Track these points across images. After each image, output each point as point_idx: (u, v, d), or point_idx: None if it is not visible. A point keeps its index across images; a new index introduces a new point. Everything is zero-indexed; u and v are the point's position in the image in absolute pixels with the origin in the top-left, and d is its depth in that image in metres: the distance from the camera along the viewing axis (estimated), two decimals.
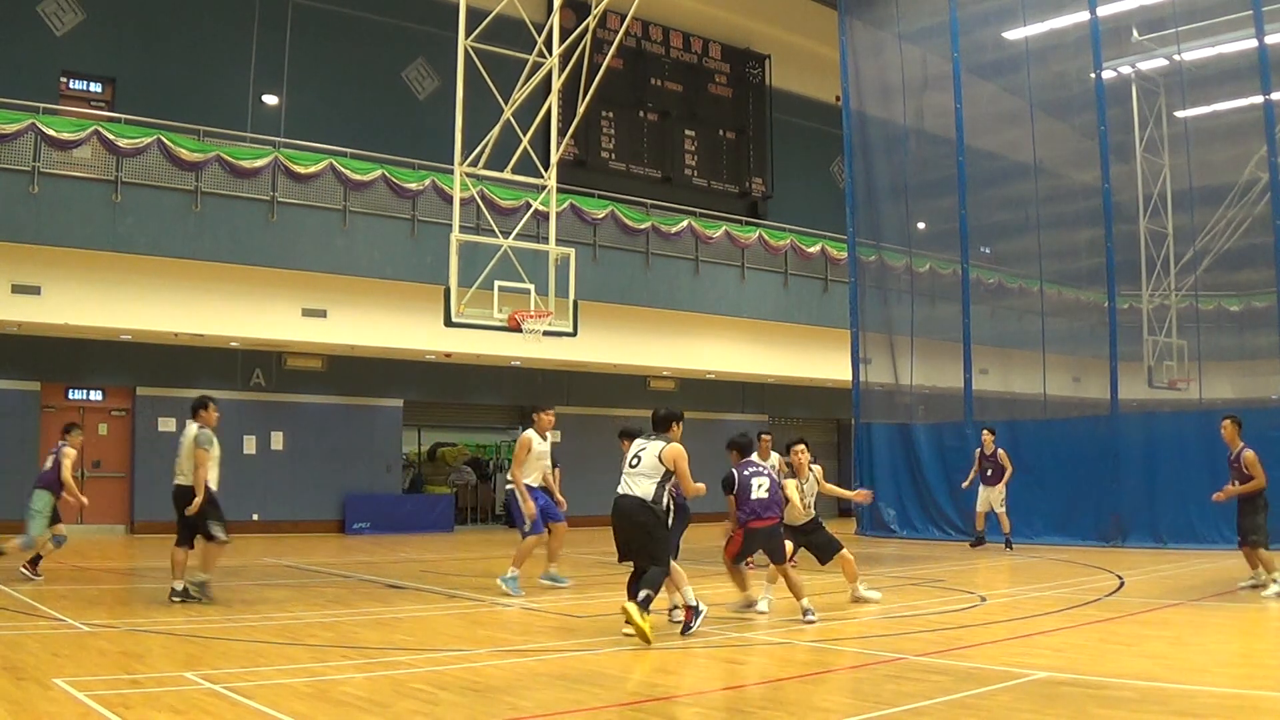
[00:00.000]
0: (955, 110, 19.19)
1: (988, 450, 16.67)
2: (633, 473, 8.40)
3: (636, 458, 8.46)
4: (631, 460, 8.47)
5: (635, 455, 8.47)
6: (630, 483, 8.37)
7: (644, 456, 8.44)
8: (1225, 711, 5.61)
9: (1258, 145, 17.20)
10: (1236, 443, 10.98)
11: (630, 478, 8.39)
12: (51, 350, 18.28)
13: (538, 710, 5.66)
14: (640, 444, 8.58)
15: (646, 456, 8.44)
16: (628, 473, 8.44)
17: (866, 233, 20.83)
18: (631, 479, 8.38)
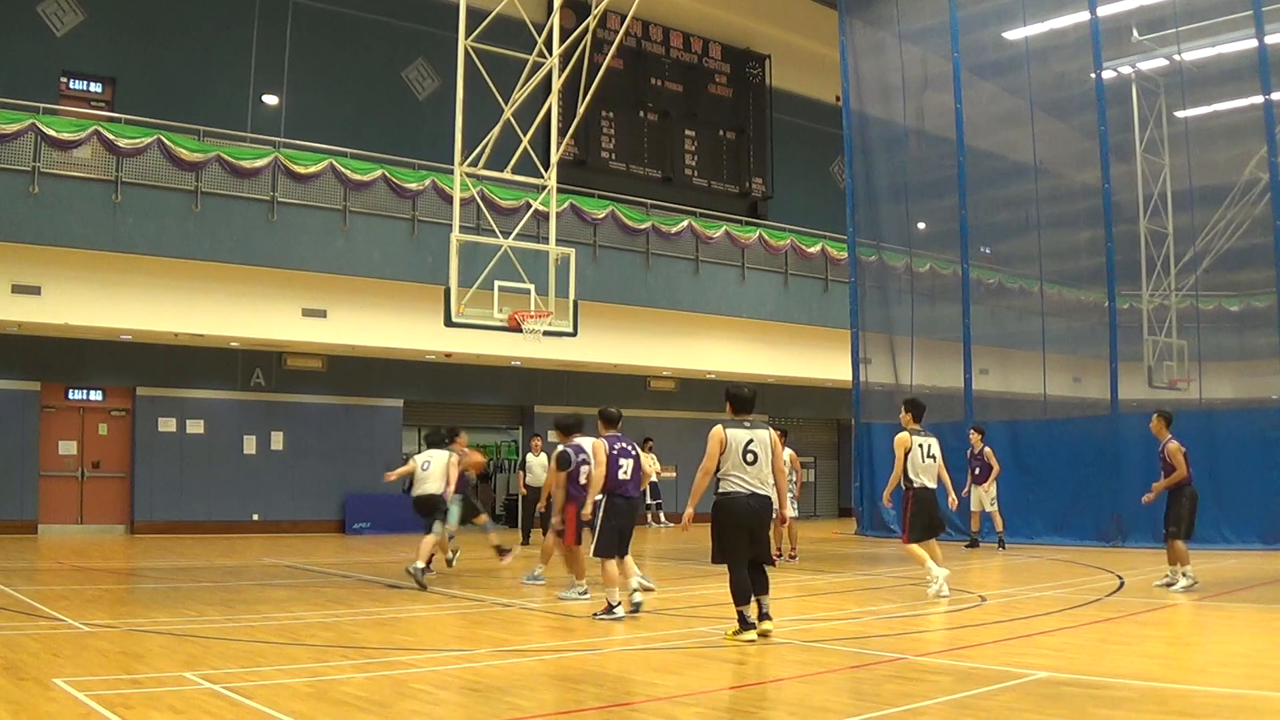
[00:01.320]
0: (955, 110, 19.19)
1: (975, 449, 16.77)
2: (755, 468, 7.78)
3: (751, 453, 7.79)
4: (746, 455, 7.78)
5: (748, 449, 7.79)
6: (760, 479, 7.80)
7: (758, 450, 7.83)
8: (1225, 711, 5.61)
9: (1258, 145, 17.20)
10: (1164, 434, 11.34)
11: (756, 473, 7.78)
12: (51, 350, 18.28)
13: (538, 710, 5.66)
14: (743, 433, 7.88)
15: (761, 448, 7.86)
16: (748, 468, 7.77)
17: (866, 233, 20.83)
18: (758, 474, 7.79)
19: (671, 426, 23.51)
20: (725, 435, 7.83)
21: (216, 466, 19.58)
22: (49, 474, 18.53)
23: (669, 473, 23.24)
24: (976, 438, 16.92)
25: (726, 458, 7.81)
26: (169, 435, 19.38)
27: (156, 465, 19.17)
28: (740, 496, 7.72)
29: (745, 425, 7.94)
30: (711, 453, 7.87)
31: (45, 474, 18.46)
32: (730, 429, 7.89)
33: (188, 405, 19.60)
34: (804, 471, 13.45)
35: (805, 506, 28.19)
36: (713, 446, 7.86)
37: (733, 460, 7.80)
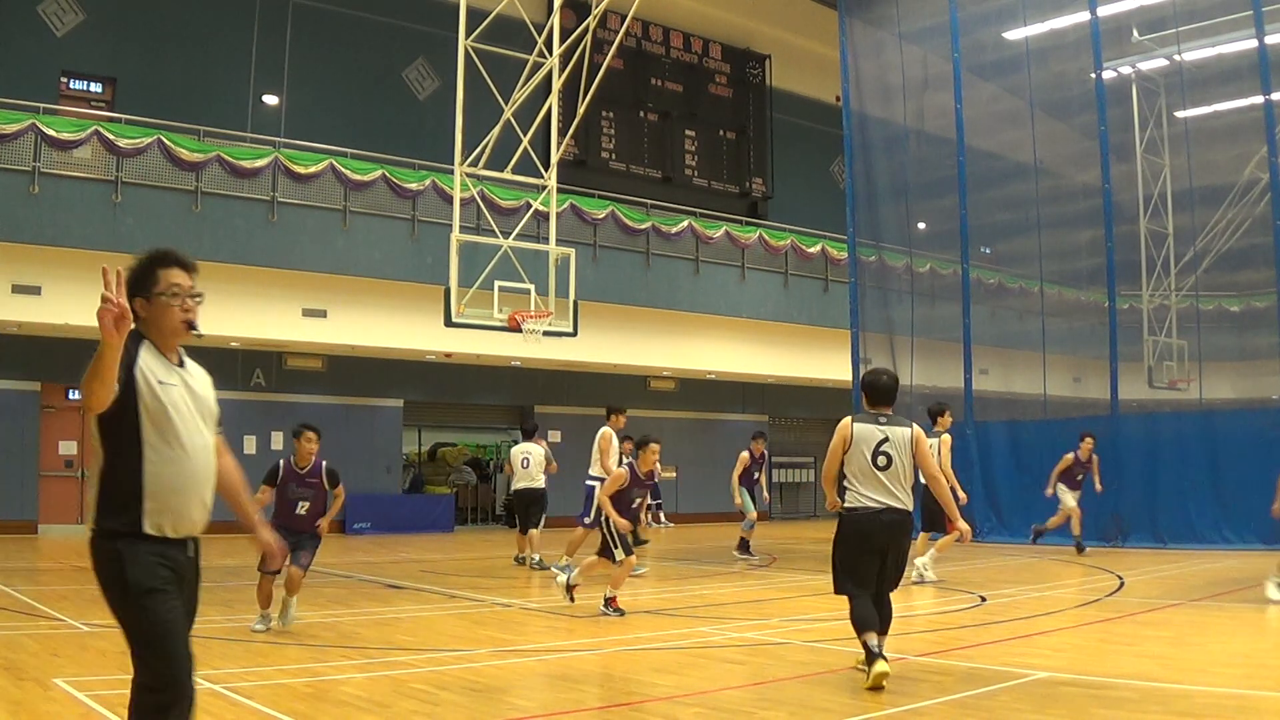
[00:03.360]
0: (955, 110, 19.18)
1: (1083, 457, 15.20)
2: (888, 474, 6.37)
3: (884, 455, 6.37)
4: (878, 458, 6.37)
5: (879, 450, 6.37)
6: (891, 489, 6.35)
7: (894, 452, 6.40)
8: (1225, 711, 5.61)
9: (1258, 145, 17.20)
10: None
11: (888, 482, 6.36)
12: (51, 350, 18.26)
13: (538, 710, 5.66)
14: (876, 430, 6.43)
15: (898, 449, 6.42)
16: (879, 474, 6.36)
17: (866, 233, 20.82)
18: (890, 483, 6.36)
19: (671, 426, 23.48)
20: (851, 431, 6.47)
21: None
22: (49, 474, 18.52)
23: (669, 473, 23.24)
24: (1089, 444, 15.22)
25: (851, 461, 6.43)
26: None
27: None
28: (868, 513, 6.32)
29: (880, 421, 6.46)
30: (831, 451, 6.56)
31: (45, 474, 18.45)
32: (860, 424, 6.48)
33: None
34: None
35: (805, 506, 28.30)
36: (834, 444, 6.53)
37: (858, 464, 6.39)
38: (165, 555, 3.39)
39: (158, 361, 3.48)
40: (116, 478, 3.39)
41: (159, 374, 3.44)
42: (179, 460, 3.43)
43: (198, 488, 3.51)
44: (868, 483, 6.36)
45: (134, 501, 3.37)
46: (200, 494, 3.53)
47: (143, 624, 3.33)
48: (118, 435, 3.39)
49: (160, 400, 3.41)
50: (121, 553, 3.35)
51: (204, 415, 3.59)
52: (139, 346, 3.44)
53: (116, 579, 3.35)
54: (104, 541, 3.40)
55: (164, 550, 3.39)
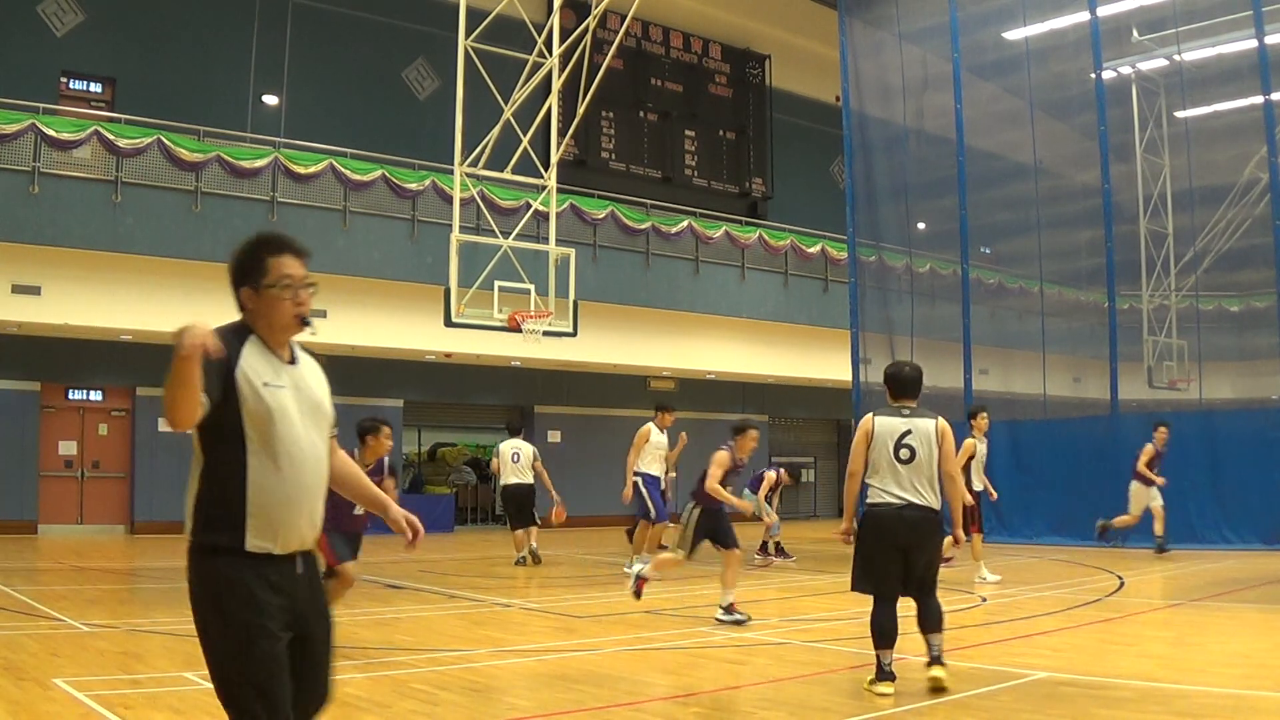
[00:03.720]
0: (955, 110, 19.18)
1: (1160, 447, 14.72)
2: (910, 468, 6.06)
3: (907, 448, 6.07)
4: (900, 451, 6.07)
5: (902, 443, 6.08)
6: (914, 483, 6.06)
7: (917, 444, 6.08)
8: (1225, 711, 5.61)
9: (1258, 145, 17.20)
10: None
11: (909, 476, 6.05)
12: (51, 350, 18.28)
13: (538, 710, 5.66)
14: (899, 422, 6.17)
15: (921, 441, 6.10)
16: (901, 469, 6.05)
17: (866, 233, 20.82)
18: (913, 478, 6.06)
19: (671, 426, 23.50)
20: (873, 425, 6.20)
21: None
22: (49, 474, 18.53)
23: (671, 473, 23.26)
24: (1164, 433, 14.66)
25: (874, 455, 6.13)
26: (169, 435, 19.34)
27: (156, 465, 19.15)
28: (890, 509, 6.04)
29: (903, 414, 6.23)
30: (855, 448, 6.23)
31: (45, 474, 18.46)
32: (881, 417, 6.25)
33: None
34: None
35: (804, 507, 28.28)
36: (857, 441, 6.22)
37: (881, 458, 6.09)
38: (270, 576, 3.04)
39: (264, 361, 3.11)
40: (217, 488, 3.02)
41: (265, 375, 3.08)
42: (286, 470, 3.06)
43: (307, 500, 3.13)
44: (889, 477, 6.06)
45: (235, 516, 3.00)
46: (310, 507, 3.15)
47: (237, 663, 3.02)
48: (217, 442, 3.00)
49: (266, 405, 3.05)
50: (220, 575, 3.00)
51: (316, 419, 3.25)
52: (243, 344, 3.07)
53: (212, 604, 3.02)
54: (201, 558, 3.04)
55: (268, 570, 3.04)
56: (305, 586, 3.16)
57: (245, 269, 3.16)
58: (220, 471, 3.00)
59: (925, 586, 6.15)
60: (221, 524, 2.99)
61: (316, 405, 3.29)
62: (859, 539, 6.23)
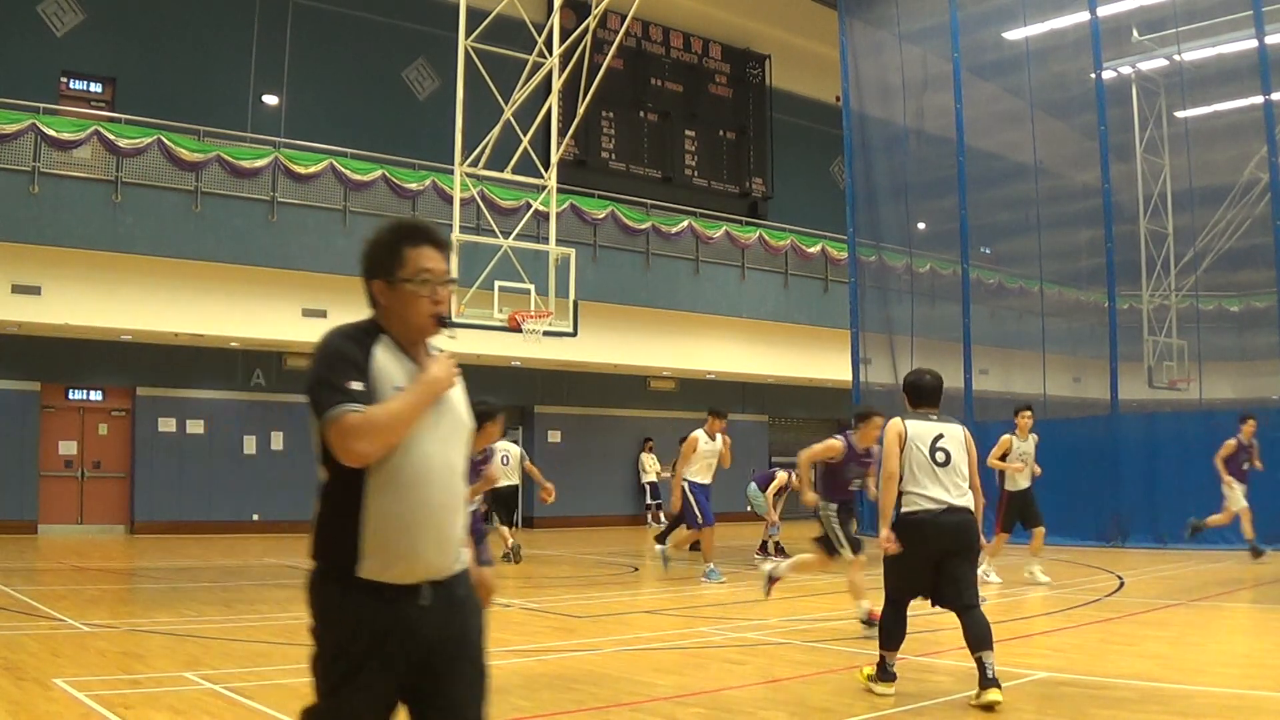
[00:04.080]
0: (955, 110, 19.18)
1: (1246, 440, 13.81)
2: (947, 471, 5.99)
3: (942, 451, 6.02)
4: (935, 454, 6.01)
5: (936, 446, 6.03)
6: (951, 487, 5.96)
7: (951, 447, 6.06)
8: (1225, 711, 5.61)
9: (1258, 145, 17.20)
10: None
11: (947, 479, 5.97)
12: (51, 350, 18.28)
13: (538, 710, 5.66)
14: (930, 426, 6.13)
15: (954, 444, 6.08)
16: (939, 472, 5.97)
17: (866, 233, 20.83)
18: (950, 481, 5.97)
19: (671, 426, 23.49)
20: (905, 428, 6.12)
21: (216, 466, 19.58)
22: (49, 474, 18.53)
23: (669, 473, 23.28)
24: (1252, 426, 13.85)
25: (909, 459, 6.03)
26: (169, 435, 19.38)
27: (156, 465, 19.17)
28: (931, 514, 5.90)
29: (931, 419, 6.19)
30: (890, 450, 6.08)
31: (45, 474, 18.46)
32: (912, 420, 6.17)
33: (188, 405, 19.60)
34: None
35: (805, 507, 28.24)
36: (890, 443, 6.09)
37: (917, 462, 6.00)
38: (384, 608, 2.67)
39: (396, 363, 2.77)
40: (334, 507, 2.71)
41: (396, 378, 2.73)
42: (411, 489, 2.69)
43: (435, 523, 2.73)
44: (928, 481, 5.94)
45: (349, 538, 2.67)
46: (439, 531, 2.74)
47: (326, 701, 2.71)
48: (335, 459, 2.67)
49: None
50: (328, 604, 2.70)
51: (453, 429, 2.83)
52: (374, 344, 2.76)
53: (318, 633, 2.73)
54: (314, 583, 2.75)
55: (383, 601, 2.66)
56: (435, 619, 2.73)
57: (379, 260, 2.82)
58: (339, 489, 2.69)
59: (968, 595, 5.88)
60: (336, 548, 2.69)
61: (452, 414, 2.85)
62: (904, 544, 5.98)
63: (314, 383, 2.66)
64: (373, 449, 2.60)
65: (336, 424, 2.59)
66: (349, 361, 2.68)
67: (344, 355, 2.69)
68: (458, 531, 2.80)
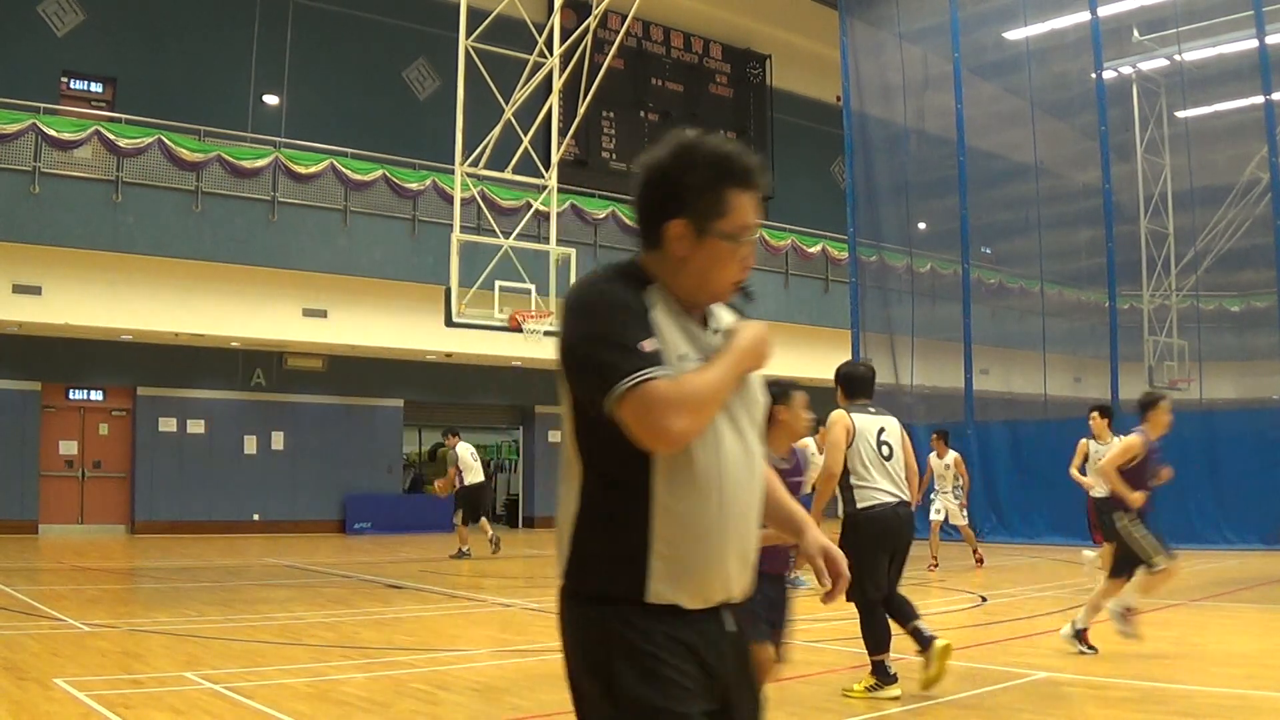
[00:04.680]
0: (956, 110, 19.20)
1: None
2: (893, 464, 6.02)
3: (886, 445, 6.01)
4: (882, 447, 6.00)
5: (881, 439, 6.01)
6: (899, 480, 6.03)
7: (893, 440, 6.08)
8: (1225, 711, 5.61)
9: (1258, 145, 17.21)
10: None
11: (894, 472, 6.01)
12: (51, 350, 18.28)
13: (538, 710, 5.66)
14: (873, 419, 6.11)
15: (894, 437, 6.11)
16: (887, 465, 5.99)
17: (867, 233, 20.83)
18: (896, 474, 6.02)
19: None
20: (852, 422, 6.04)
21: (216, 466, 19.58)
22: (49, 474, 18.53)
23: None
24: None
25: (856, 455, 5.94)
26: (169, 435, 19.38)
27: (157, 465, 19.17)
28: (886, 508, 5.89)
29: (870, 411, 6.14)
30: (835, 444, 5.96)
31: (45, 474, 18.47)
32: (857, 414, 6.09)
33: (188, 405, 19.60)
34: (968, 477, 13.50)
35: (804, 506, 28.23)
36: (838, 437, 5.96)
37: (867, 456, 5.92)
38: (684, 638, 2.06)
39: (677, 326, 2.11)
40: (603, 513, 2.09)
41: (679, 345, 2.09)
42: (710, 489, 2.07)
43: (737, 532, 2.12)
44: (879, 476, 5.90)
45: (633, 554, 2.05)
46: (741, 542, 2.13)
47: None
48: (606, 446, 2.05)
49: None
50: (612, 636, 2.05)
51: (747, 409, 2.19)
52: (649, 299, 2.10)
53: (598, 673, 2.06)
54: (582, 609, 2.10)
55: (682, 629, 2.06)
56: (734, 651, 2.16)
57: (689, 196, 2.18)
58: (609, 491, 2.08)
59: (896, 582, 6.13)
60: (611, 565, 2.07)
61: (750, 397, 2.20)
62: (857, 546, 5.79)
63: (590, 341, 2.02)
64: (692, 427, 1.99)
65: (640, 395, 1.94)
66: (636, 315, 2.04)
67: (628, 306, 2.05)
68: (756, 543, 2.20)
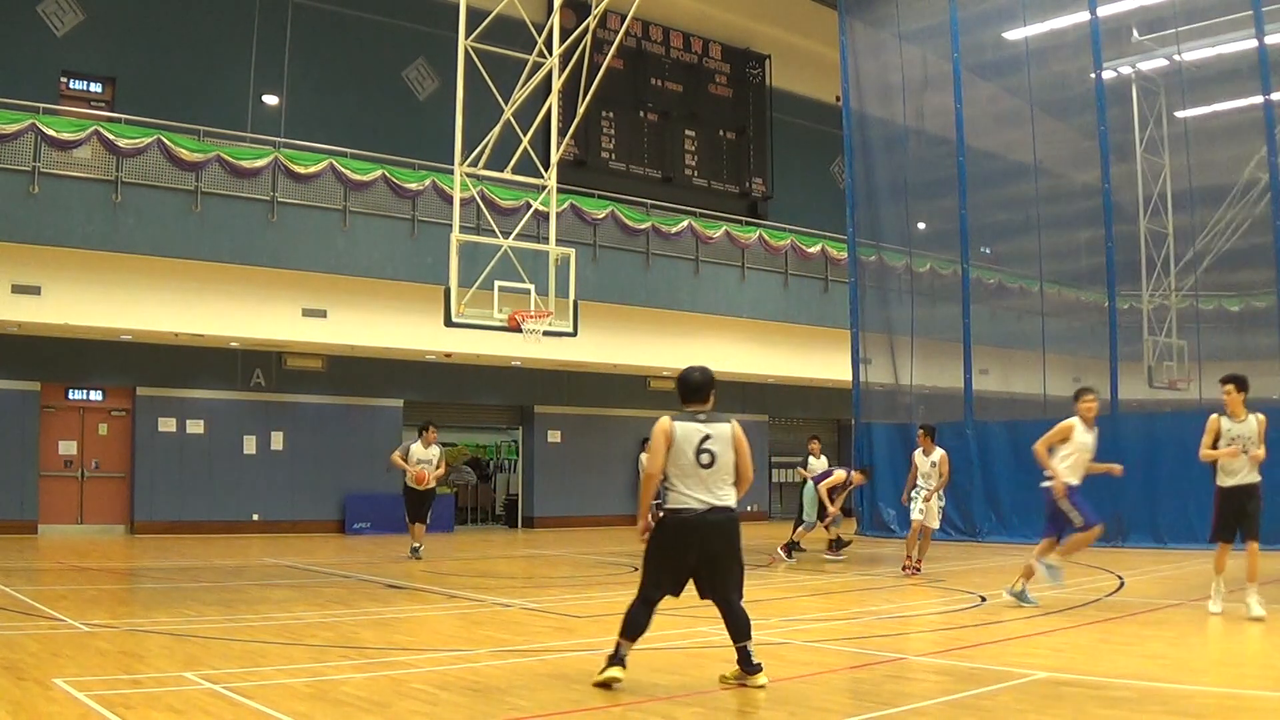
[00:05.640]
0: (955, 110, 19.20)
1: None
2: (712, 472, 6.14)
3: (707, 453, 6.14)
4: (701, 455, 6.13)
5: (702, 448, 6.14)
6: (714, 488, 6.14)
7: (717, 448, 6.18)
8: (1225, 711, 5.61)
9: (1258, 145, 17.20)
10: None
11: (711, 480, 6.14)
12: (51, 350, 18.28)
13: (538, 710, 5.66)
14: (695, 428, 6.20)
15: (720, 444, 6.19)
16: (703, 473, 6.14)
17: (866, 233, 20.84)
18: (713, 482, 6.14)
19: None
20: (673, 429, 6.22)
21: (216, 466, 19.59)
22: (49, 474, 18.53)
23: None
24: None
25: (674, 459, 6.19)
26: (169, 435, 19.38)
27: (156, 465, 19.17)
28: (694, 514, 6.12)
29: (699, 419, 6.26)
30: (656, 448, 6.23)
31: (45, 474, 18.46)
32: (680, 422, 6.25)
33: (188, 405, 19.60)
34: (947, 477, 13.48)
35: None
36: (658, 441, 6.22)
37: (683, 464, 6.16)
38: None
39: None
40: None
41: None
42: None
43: None
44: (693, 483, 6.13)
45: None
46: None
47: None
48: None
49: None
50: None
51: None
52: None
53: None
54: None
55: None
56: None
57: None
58: None
59: (727, 589, 6.21)
60: None
61: None
62: (655, 543, 6.26)
63: None
64: None
65: None
66: None
67: None
68: None
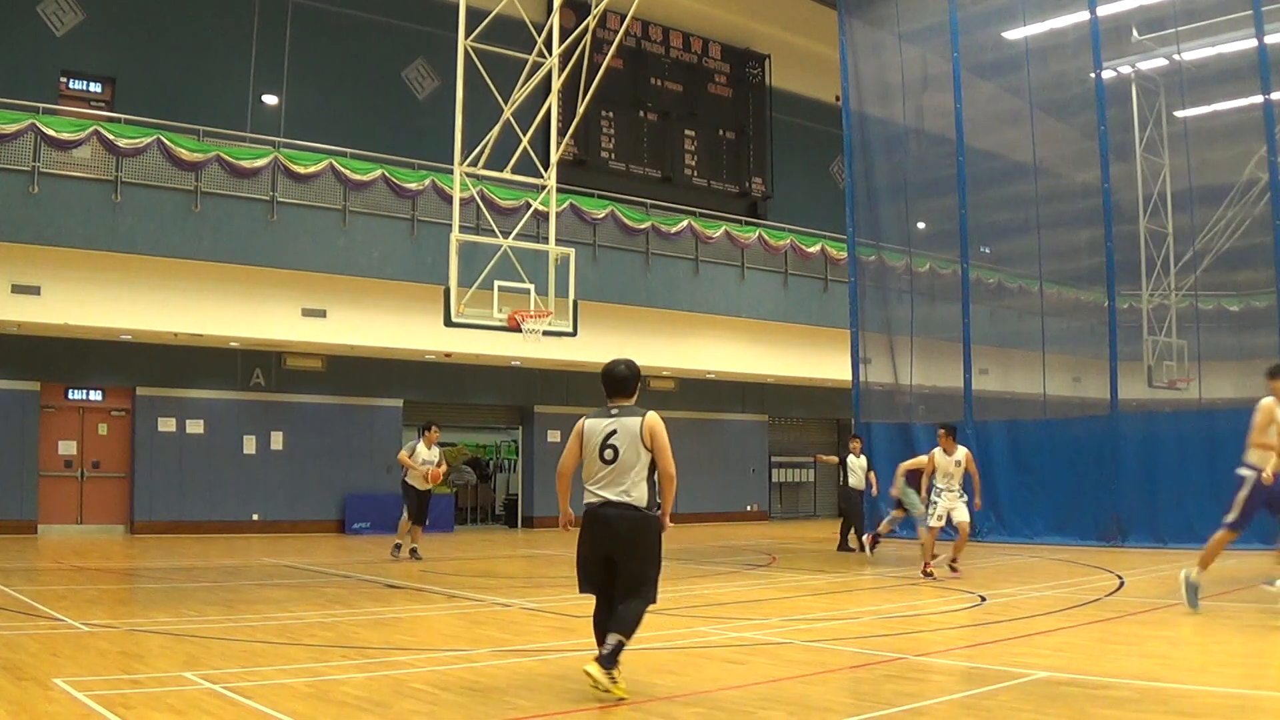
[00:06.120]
0: (955, 110, 19.19)
1: None
2: (613, 468, 6.08)
3: (610, 448, 6.07)
4: (604, 451, 6.08)
5: (606, 443, 6.08)
6: (612, 484, 6.08)
7: (621, 443, 6.10)
8: (1225, 711, 5.61)
9: (1258, 145, 17.19)
10: None
11: (610, 476, 6.09)
12: (51, 350, 18.29)
13: (538, 710, 5.66)
14: (604, 423, 6.19)
15: (625, 440, 6.11)
16: (605, 469, 6.09)
17: (866, 233, 20.83)
18: (612, 478, 6.08)
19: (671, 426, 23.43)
20: (584, 426, 6.21)
21: (216, 466, 19.59)
22: (49, 474, 18.53)
23: None
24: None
25: (585, 455, 6.15)
26: (169, 435, 19.38)
27: (156, 465, 19.17)
28: (592, 508, 6.11)
29: (611, 413, 6.22)
30: (569, 446, 6.25)
31: (45, 474, 18.47)
32: (590, 419, 6.23)
33: (188, 405, 19.61)
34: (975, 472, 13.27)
35: (804, 506, 28.27)
36: (571, 438, 6.25)
37: (589, 458, 6.12)
38: None
39: None
40: None
41: None
42: None
43: None
44: (595, 477, 6.13)
45: None
46: None
47: None
48: None
49: None
50: None
51: None
52: None
53: None
54: None
55: None
56: None
57: None
58: None
59: (629, 588, 6.10)
60: None
61: None
62: (579, 538, 6.28)
63: None
64: None
65: None
66: None
67: None
68: None
